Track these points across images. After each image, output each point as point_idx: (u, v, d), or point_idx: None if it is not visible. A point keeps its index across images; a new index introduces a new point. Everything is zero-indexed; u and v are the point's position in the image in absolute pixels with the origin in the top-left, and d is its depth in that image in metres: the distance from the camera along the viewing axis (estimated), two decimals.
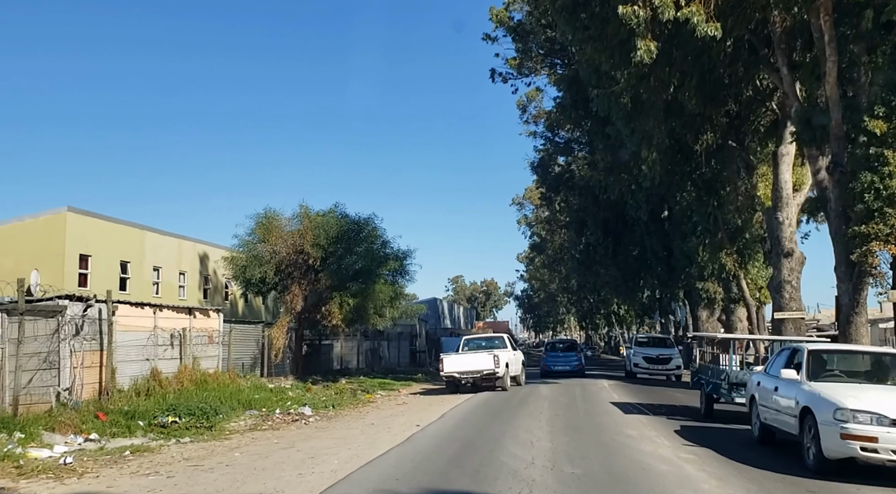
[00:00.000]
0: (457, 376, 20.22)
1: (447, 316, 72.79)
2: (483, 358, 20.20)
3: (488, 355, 20.32)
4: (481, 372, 19.97)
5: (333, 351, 28.58)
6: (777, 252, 24.81)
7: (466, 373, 20.11)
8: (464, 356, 21.01)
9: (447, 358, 20.82)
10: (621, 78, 22.00)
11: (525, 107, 50.93)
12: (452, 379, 20.33)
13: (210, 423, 12.41)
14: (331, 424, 13.37)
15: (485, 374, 19.94)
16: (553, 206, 61.00)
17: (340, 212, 23.25)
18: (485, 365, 19.91)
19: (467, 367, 20.14)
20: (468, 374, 20.06)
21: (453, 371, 20.22)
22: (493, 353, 20.42)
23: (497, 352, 20.62)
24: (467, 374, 20.08)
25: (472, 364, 20.12)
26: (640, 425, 12.02)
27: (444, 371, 20.28)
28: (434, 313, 67.24)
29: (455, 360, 20.60)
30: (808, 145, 19.30)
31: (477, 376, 20.10)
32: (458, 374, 20.20)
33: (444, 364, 20.44)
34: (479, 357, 20.43)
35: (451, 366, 20.34)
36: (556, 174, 54.64)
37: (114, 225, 25.97)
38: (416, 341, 36.78)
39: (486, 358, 20.17)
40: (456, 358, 20.86)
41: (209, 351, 17.50)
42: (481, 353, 20.77)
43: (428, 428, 11.93)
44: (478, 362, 20.14)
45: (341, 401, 17.07)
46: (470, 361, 20.26)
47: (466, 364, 20.24)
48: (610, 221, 46.29)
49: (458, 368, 20.23)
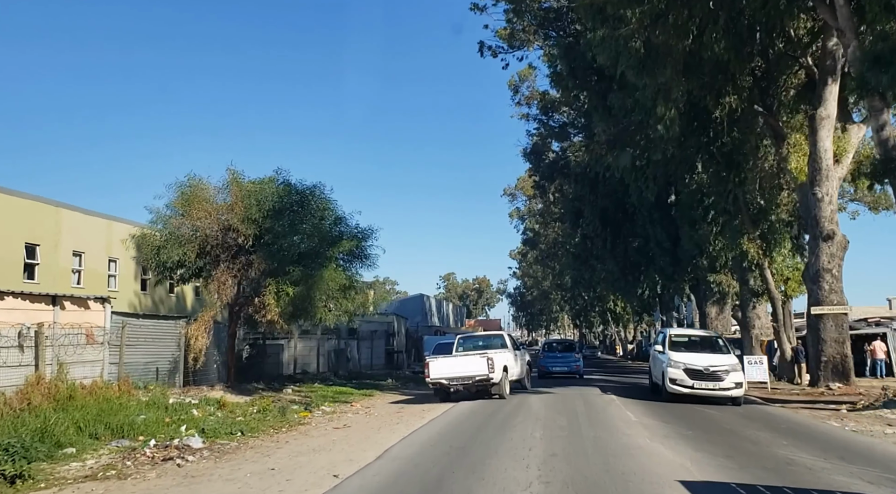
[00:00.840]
0: (445, 382, 17.51)
1: (434, 314, 68.49)
2: (475, 362, 17.43)
3: (481, 358, 17.52)
4: (472, 377, 17.36)
5: (285, 353, 24.27)
6: (814, 234, 20.62)
7: (456, 379, 17.45)
8: (453, 359, 18.19)
9: (434, 362, 17.95)
10: (632, 17, 17.77)
11: (517, 87, 46.66)
12: (440, 387, 17.65)
13: (17, 470, 8.09)
14: (215, 467, 9.08)
15: (477, 380, 17.36)
16: (547, 197, 56.82)
17: (282, 181, 18.87)
18: (477, 370, 17.27)
19: (457, 372, 17.41)
20: (458, 381, 17.43)
21: (440, 376, 17.52)
22: (487, 356, 17.58)
23: (492, 354, 17.82)
24: (457, 381, 17.43)
25: (462, 368, 17.45)
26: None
27: (431, 376, 17.60)
28: (420, 310, 62.99)
29: (442, 364, 17.78)
30: (871, 94, 15.09)
31: (468, 382, 17.44)
32: (447, 381, 17.49)
33: (431, 368, 17.67)
34: (470, 360, 17.66)
35: (438, 371, 17.59)
36: (550, 161, 50.46)
37: (16, 199, 21.59)
38: (392, 340, 32.36)
39: (479, 361, 17.40)
40: (444, 361, 18.02)
41: (88, 354, 13.19)
42: (474, 356, 17.98)
43: (346, 485, 7.65)
44: (469, 366, 17.46)
45: (259, 424, 12.76)
46: (460, 365, 17.58)
47: (456, 368, 17.53)
48: (608, 210, 42.32)
49: (446, 373, 17.49)
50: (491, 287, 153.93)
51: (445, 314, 76.09)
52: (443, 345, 23.45)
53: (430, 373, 17.61)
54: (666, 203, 34.89)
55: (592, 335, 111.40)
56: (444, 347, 22.90)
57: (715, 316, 33.98)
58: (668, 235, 34.49)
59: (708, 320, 33.99)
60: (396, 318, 34.73)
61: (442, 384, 17.49)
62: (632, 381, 25.47)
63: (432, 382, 17.64)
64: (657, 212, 34.75)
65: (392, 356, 32.98)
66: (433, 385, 17.70)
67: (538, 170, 50.84)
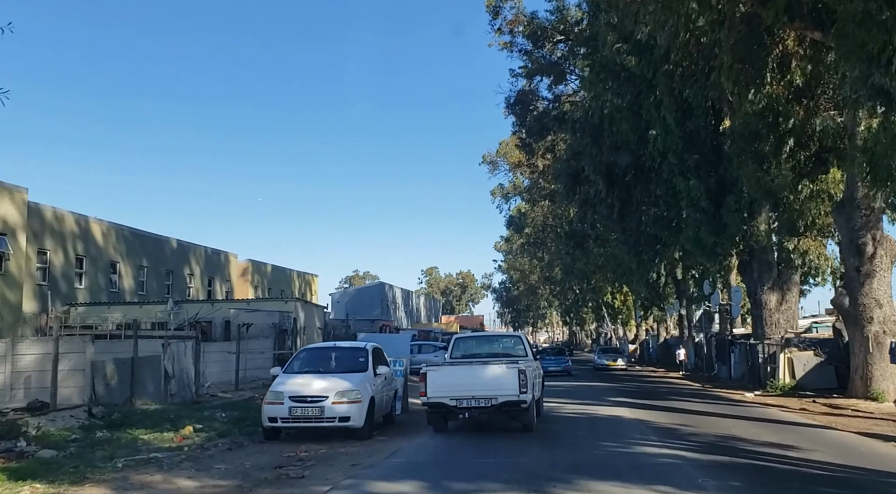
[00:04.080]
0: (450, 404, 12.00)
1: (399, 307, 57.91)
2: (499, 375, 11.99)
3: (509, 369, 12.02)
4: (494, 398, 11.83)
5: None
6: None
7: (467, 399, 11.91)
8: (465, 370, 12.77)
9: (434, 374, 12.28)
10: None
11: (497, 8, 36.08)
12: (441, 410, 12.15)
13: None
14: None
15: (502, 403, 11.81)
16: (534, 161, 46.46)
17: None
18: (502, 388, 11.84)
19: (470, 390, 11.94)
20: (471, 401, 11.86)
21: (443, 395, 11.98)
22: (518, 367, 11.98)
23: (521, 365, 12.20)
24: (469, 401, 11.88)
25: (477, 384, 11.97)
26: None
27: (428, 395, 12.01)
28: (379, 302, 52.66)
29: (447, 377, 12.31)
30: None
31: (486, 405, 11.86)
32: (453, 402, 11.96)
33: (429, 383, 12.01)
34: (491, 372, 12.19)
35: (439, 387, 12.02)
36: (539, 113, 40.15)
37: None
38: (290, 340, 21.17)
39: (506, 374, 11.93)
40: (449, 373, 12.62)
41: None
42: (495, 366, 12.44)
43: None
44: (489, 381, 11.98)
45: None
46: (475, 379, 12.11)
47: (468, 383, 12.07)
48: (616, 166, 32.06)
49: (452, 390, 12.00)
50: (476, 282, 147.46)
51: (414, 308, 65.46)
52: (313, 353, 13.17)
53: (427, 390, 12.14)
54: (709, 139, 24.66)
55: (584, 333, 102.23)
56: (313, 356, 12.89)
57: (775, 307, 23.75)
58: (709, 189, 24.28)
59: (765, 311, 23.78)
60: (303, 307, 23.89)
61: (444, 405, 12.05)
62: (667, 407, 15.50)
63: (430, 402, 12.17)
64: (693, 155, 24.45)
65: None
66: (430, 407, 12.27)
67: (524, 125, 40.52)
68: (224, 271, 33.15)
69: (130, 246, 26.15)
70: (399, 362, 14.32)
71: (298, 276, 43.84)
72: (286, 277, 41.96)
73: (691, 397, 18.94)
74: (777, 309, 23.88)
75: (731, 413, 14.59)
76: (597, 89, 31.43)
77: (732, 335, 27.78)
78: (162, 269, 28.24)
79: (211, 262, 32.31)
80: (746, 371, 23.57)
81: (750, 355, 22.96)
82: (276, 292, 37.21)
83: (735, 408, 15.72)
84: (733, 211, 23.44)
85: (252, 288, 34.98)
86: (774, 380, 19.85)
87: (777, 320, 23.72)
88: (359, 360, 12.14)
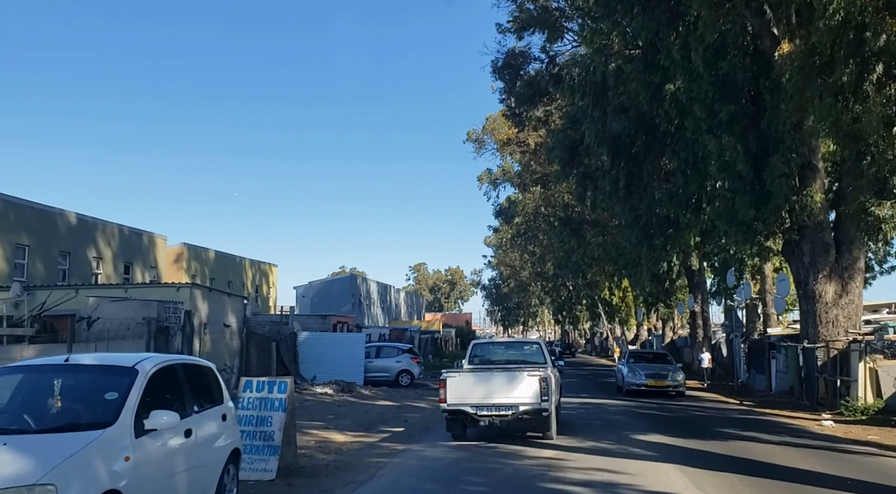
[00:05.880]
0: (469, 410, 11.60)
1: (375, 303, 52.26)
2: (520, 383, 11.61)
3: (530, 377, 11.61)
4: (516, 406, 11.46)
5: None
6: None
7: (487, 406, 11.57)
8: (484, 376, 12.05)
9: (453, 380, 11.81)
10: None
11: None
12: (461, 418, 11.82)
13: None
14: None
15: (523, 412, 11.46)
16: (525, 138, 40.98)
17: None
18: (523, 396, 11.50)
19: (490, 397, 11.61)
20: (492, 408, 11.55)
21: (463, 402, 11.63)
22: (539, 375, 11.61)
23: (542, 372, 11.77)
24: (490, 408, 11.56)
25: (498, 390, 11.65)
26: None
27: (448, 401, 11.66)
28: (349, 296, 47.09)
29: (467, 384, 11.82)
30: None
31: (506, 413, 11.47)
32: (472, 408, 11.58)
33: (448, 389, 11.66)
34: (511, 379, 11.79)
35: (459, 394, 11.68)
36: (530, 78, 34.69)
37: None
38: (175, 341, 15.32)
39: (527, 382, 11.56)
40: (469, 380, 11.96)
41: None
42: (514, 373, 12.03)
43: None
44: (510, 388, 11.66)
45: None
46: (494, 386, 11.74)
47: (488, 390, 11.67)
48: (624, 132, 26.85)
49: (472, 398, 11.66)
50: (465, 278, 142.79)
51: (394, 304, 59.78)
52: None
53: (446, 396, 11.69)
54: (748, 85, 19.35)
55: (578, 333, 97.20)
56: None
57: (833, 300, 18.40)
58: (747, 149, 19.11)
59: (819, 306, 18.45)
60: (206, 295, 17.72)
61: (465, 412, 11.63)
62: None
63: (451, 409, 11.70)
64: (728, 106, 19.13)
65: None
66: (450, 414, 11.81)
67: (513, 92, 34.98)
68: (148, 256, 27.32)
69: (2, 218, 20.11)
70: (282, 385, 8.69)
71: (252, 265, 37.87)
72: (235, 266, 36.04)
73: (750, 429, 12.98)
74: (835, 304, 18.51)
75: (854, 475, 8.90)
76: (600, 41, 26.06)
77: (766, 336, 22.40)
78: (54, 250, 22.29)
79: (129, 245, 26.36)
80: (797, 383, 18.17)
81: (805, 363, 17.55)
82: (221, 283, 31.52)
83: (843, 460, 10.01)
84: (779, 176, 18.12)
85: (189, 277, 29.25)
86: (850, 400, 14.47)
87: (835, 317, 18.37)
88: (102, 401, 5.55)
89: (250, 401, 8.43)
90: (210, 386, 6.88)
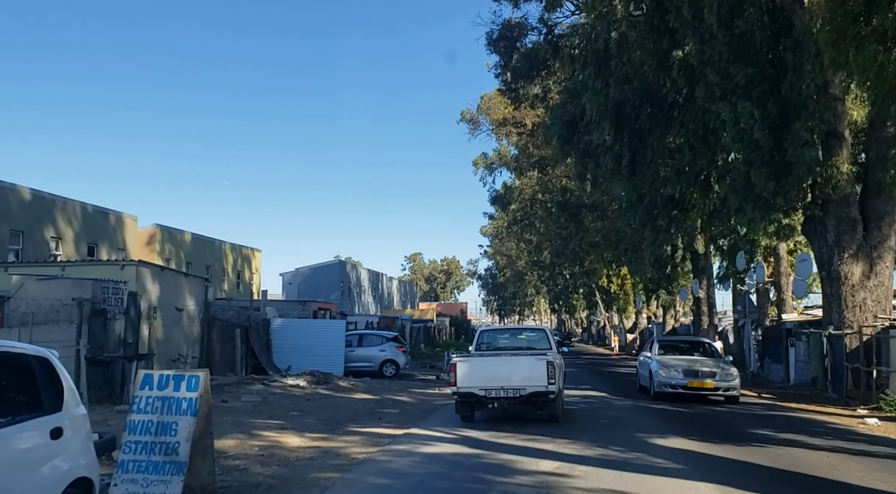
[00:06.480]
0: (479, 393, 12.07)
1: (367, 291, 50.37)
2: (528, 367, 12.08)
3: (538, 361, 12.11)
4: (524, 389, 11.91)
5: None
6: None
7: (496, 390, 11.98)
8: (493, 360, 12.80)
9: (463, 364, 12.25)
10: None
11: None
12: (471, 400, 12.25)
13: None
14: None
15: (530, 394, 11.87)
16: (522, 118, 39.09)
17: None
18: (530, 379, 11.88)
19: (499, 380, 12.00)
20: (499, 391, 11.93)
21: (473, 385, 12.07)
22: (547, 359, 12.06)
23: (549, 357, 12.23)
24: (497, 391, 11.95)
25: (506, 374, 12.07)
26: None
27: (458, 384, 12.13)
28: (337, 284, 45.18)
29: (477, 368, 12.26)
30: None
31: (514, 396, 11.92)
32: (482, 391, 12.03)
33: (458, 372, 12.11)
34: (519, 363, 12.34)
35: (469, 377, 12.12)
36: (528, 49, 32.75)
37: None
38: (113, 326, 13.24)
39: (534, 366, 11.99)
40: (479, 363, 12.48)
41: None
42: (522, 358, 12.64)
43: None
44: (518, 372, 12.07)
45: None
46: (503, 370, 12.22)
47: (497, 374, 12.13)
48: (627, 104, 25.09)
49: (481, 381, 12.07)
50: (461, 268, 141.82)
51: (386, 292, 57.87)
52: None
53: (457, 379, 12.18)
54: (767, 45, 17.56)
55: (574, 322, 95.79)
56: None
57: (859, 282, 16.68)
58: (766, 115, 17.33)
59: (844, 288, 16.73)
60: (156, 275, 15.29)
61: (474, 394, 12.08)
62: None
63: (461, 392, 12.20)
64: (745, 69, 17.32)
65: (107, 367, 13.19)
66: (460, 396, 12.28)
67: (508, 66, 33.03)
68: (115, 237, 25.26)
69: None
70: (192, 380, 6.47)
71: (233, 250, 35.80)
72: (214, 250, 33.94)
73: (786, 429, 10.99)
74: (862, 285, 16.76)
75: None
76: (602, 7, 24.22)
77: (782, 322, 20.64)
78: (3, 228, 20.19)
79: (93, 224, 24.27)
80: (821, 374, 16.39)
81: (831, 351, 15.78)
82: (199, 268, 29.55)
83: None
84: (801, 145, 16.31)
85: (162, 260, 27.26)
86: (890, 393, 12.72)
87: (863, 300, 16.63)
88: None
89: (149, 402, 6.34)
90: (32, 387, 4.76)
